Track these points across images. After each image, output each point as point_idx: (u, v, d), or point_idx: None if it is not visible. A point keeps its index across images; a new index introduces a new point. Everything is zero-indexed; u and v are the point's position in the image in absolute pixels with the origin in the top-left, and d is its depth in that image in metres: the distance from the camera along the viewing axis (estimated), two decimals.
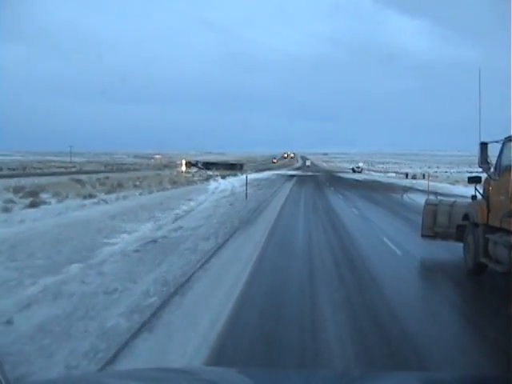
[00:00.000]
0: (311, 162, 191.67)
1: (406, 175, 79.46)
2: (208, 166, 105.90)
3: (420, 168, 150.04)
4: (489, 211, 10.01)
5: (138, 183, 50.19)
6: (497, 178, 9.89)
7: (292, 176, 73.14)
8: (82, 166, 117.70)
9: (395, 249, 13.30)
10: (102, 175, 62.91)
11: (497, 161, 10.06)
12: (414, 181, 63.81)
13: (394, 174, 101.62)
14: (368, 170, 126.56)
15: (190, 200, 28.28)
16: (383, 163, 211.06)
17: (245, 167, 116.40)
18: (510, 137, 9.50)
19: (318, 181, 59.04)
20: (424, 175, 79.79)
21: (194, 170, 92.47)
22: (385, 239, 14.78)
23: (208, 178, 59.14)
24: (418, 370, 5.49)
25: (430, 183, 53.26)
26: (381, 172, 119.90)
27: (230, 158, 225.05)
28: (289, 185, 46.77)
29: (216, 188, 41.09)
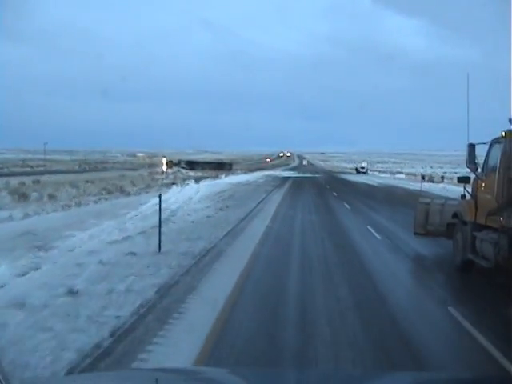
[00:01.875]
0: (308, 162, 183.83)
1: (423, 177, 62.16)
2: (192, 165, 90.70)
3: (422, 168, 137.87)
4: (476, 210, 9.80)
5: (70, 190, 34.97)
6: (484, 177, 9.82)
7: (286, 178, 56.32)
8: (55, 165, 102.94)
9: None
10: (39, 178, 47.52)
11: (484, 161, 9.96)
12: (439, 185, 47.76)
13: (403, 176, 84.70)
14: (371, 170, 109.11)
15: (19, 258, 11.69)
16: (382, 163, 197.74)
17: (236, 167, 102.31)
18: (496, 138, 9.41)
19: (319, 187, 41.89)
20: (443, 177, 64.67)
21: (175, 169, 77.85)
22: None
23: (174, 183, 42.78)
24: (417, 370, 4.89)
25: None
26: (386, 172, 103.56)
27: (225, 157, 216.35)
28: (277, 196, 29.51)
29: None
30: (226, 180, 52.04)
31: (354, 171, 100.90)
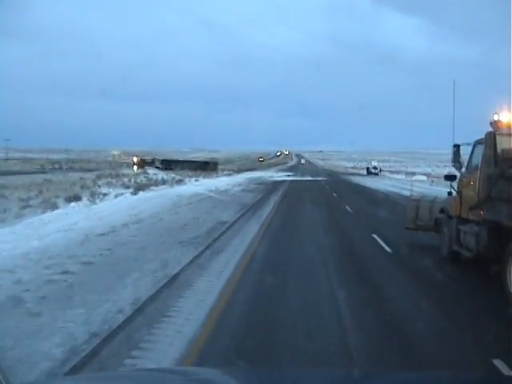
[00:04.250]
0: (306, 160, 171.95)
1: None
2: (169, 165, 71.51)
3: (429, 167, 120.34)
4: (461, 205, 10.11)
5: None
6: (467, 175, 10.11)
7: (277, 185, 37.26)
8: (17, 165, 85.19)
9: None
10: None
11: (468, 160, 10.22)
12: None
13: (424, 177, 65.49)
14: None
15: None
16: (383, 161, 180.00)
17: (227, 166, 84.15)
18: (479, 139, 9.69)
19: (333, 208, 22.27)
20: None
21: (146, 170, 59.41)
22: None
23: (77, 197, 23.63)
24: (418, 370, 4.82)
25: None
26: (397, 173, 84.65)
27: (223, 155, 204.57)
28: (224, 269, 9.93)
29: None
30: (189, 188, 33.35)
31: (359, 171, 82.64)
